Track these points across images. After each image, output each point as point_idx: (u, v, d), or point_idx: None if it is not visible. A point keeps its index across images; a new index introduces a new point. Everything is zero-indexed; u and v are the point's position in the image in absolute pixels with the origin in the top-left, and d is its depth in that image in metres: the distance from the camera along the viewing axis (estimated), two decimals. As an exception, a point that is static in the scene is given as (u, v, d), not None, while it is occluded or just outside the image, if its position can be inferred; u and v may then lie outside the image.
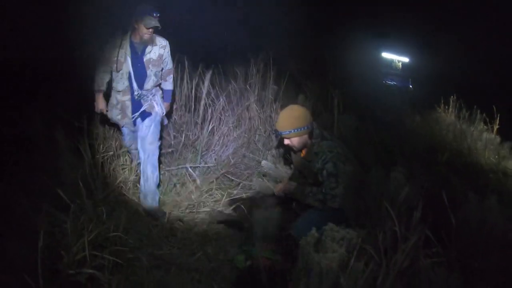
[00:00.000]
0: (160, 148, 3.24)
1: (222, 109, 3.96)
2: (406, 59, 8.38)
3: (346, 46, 6.68)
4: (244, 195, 3.38)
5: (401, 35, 8.17)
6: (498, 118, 5.08)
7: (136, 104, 3.09)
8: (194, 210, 3.15)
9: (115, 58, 2.95)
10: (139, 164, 3.20)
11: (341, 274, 1.79)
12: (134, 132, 3.21)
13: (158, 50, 3.07)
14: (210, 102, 3.96)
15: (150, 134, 3.09)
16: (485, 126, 5.32)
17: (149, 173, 3.04)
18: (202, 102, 3.77)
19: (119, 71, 2.99)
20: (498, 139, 4.92)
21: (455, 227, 2.08)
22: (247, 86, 4.13)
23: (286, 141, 2.71)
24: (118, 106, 3.10)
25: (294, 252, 2.52)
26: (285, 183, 2.90)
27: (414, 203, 2.29)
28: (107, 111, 3.13)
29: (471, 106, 5.57)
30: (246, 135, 3.90)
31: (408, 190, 2.31)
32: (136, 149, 3.21)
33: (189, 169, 3.49)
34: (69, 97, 3.21)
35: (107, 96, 3.13)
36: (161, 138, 3.25)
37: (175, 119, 3.96)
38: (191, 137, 3.86)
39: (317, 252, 1.91)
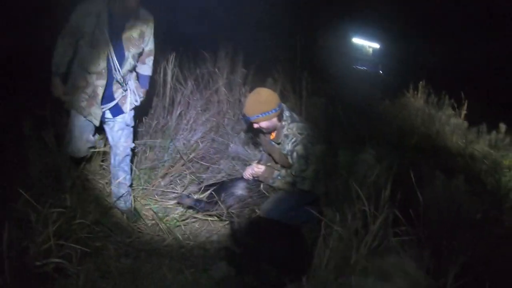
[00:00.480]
0: (133, 148, 2.87)
1: (191, 93, 3.86)
2: (376, 45, 8.48)
3: (317, 31, 6.68)
4: (213, 179, 3.32)
5: (371, 21, 8.24)
6: (466, 103, 5.19)
7: (109, 92, 2.55)
8: (163, 197, 3.06)
9: (90, 30, 2.33)
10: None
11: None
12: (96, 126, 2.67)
13: (141, 27, 2.49)
14: (178, 86, 3.86)
15: (124, 139, 2.70)
16: (453, 112, 5.43)
17: (121, 178, 2.74)
18: (168, 86, 3.65)
19: (94, 48, 2.38)
20: (465, 124, 5.05)
21: (423, 206, 2.10)
22: (216, 70, 4.05)
23: (256, 125, 2.68)
24: (87, 90, 2.47)
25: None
26: (253, 166, 2.87)
27: (382, 184, 2.31)
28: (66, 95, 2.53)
29: (440, 92, 5.67)
30: (214, 119, 3.83)
31: (377, 171, 2.32)
32: (90, 142, 2.70)
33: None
34: (35, 86, 2.94)
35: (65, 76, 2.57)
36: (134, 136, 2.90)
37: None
38: (160, 121, 3.74)
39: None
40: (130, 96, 2.65)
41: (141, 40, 2.53)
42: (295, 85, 3.73)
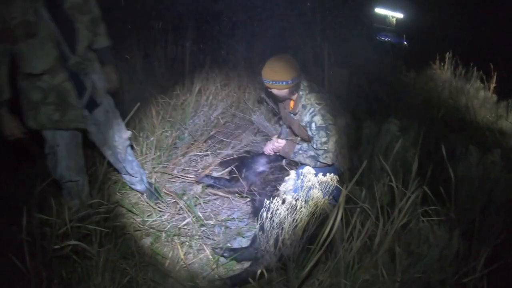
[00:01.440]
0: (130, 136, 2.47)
1: (209, 67, 3.79)
2: (400, 15, 8.14)
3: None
4: (235, 155, 3.26)
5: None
6: (495, 76, 4.99)
7: (77, 83, 2.01)
8: (184, 175, 3.00)
9: (18, 22, 1.75)
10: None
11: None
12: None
13: None
14: (195, 63, 3.79)
15: (116, 133, 2.31)
16: (481, 84, 5.25)
17: (129, 169, 2.49)
18: (187, 62, 3.58)
19: (31, 39, 1.80)
20: (494, 97, 4.89)
21: (455, 184, 1.98)
22: (234, 43, 3.95)
23: (272, 91, 2.58)
24: (49, 100, 1.92)
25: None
26: (273, 141, 2.79)
27: (410, 158, 2.20)
28: (26, 130, 1.96)
29: (467, 64, 5.47)
30: (235, 94, 3.75)
31: (403, 142, 2.21)
32: (80, 156, 2.22)
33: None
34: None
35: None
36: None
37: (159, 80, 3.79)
38: (181, 97, 3.69)
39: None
40: (99, 81, 2.15)
41: (87, 4, 2.02)
42: (317, 56, 3.59)
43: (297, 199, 1.75)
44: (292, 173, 1.79)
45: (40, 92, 1.89)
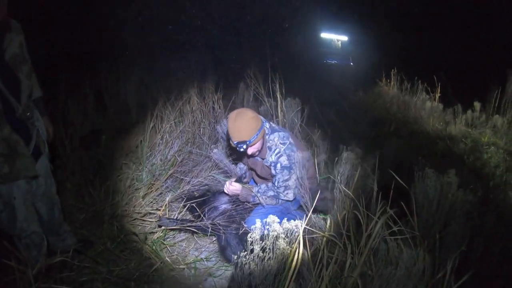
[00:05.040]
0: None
1: (162, 105, 3.74)
2: (345, 38, 8.51)
3: (285, 29, 6.63)
4: (195, 193, 3.20)
5: (338, 15, 8.26)
6: (439, 86, 5.27)
7: (24, 132, 1.97)
8: (145, 219, 2.89)
9: None
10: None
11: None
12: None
13: (17, 37, 1.96)
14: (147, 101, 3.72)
15: (52, 187, 2.22)
16: (427, 95, 5.51)
17: (62, 231, 2.34)
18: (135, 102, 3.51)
19: None
20: (440, 106, 5.13)
21: (415, 204, 2.04)
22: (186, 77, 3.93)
23: (252, 150, 2.49)
24: None
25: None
26: (229, 184, 2.75)
27: (370, 183, 2.25)
28: None
29: (412, 78, 5.75)
30: (190, 130, 3.71)
31: (361, 170, 2.27)
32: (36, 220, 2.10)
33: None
34: None
35: None
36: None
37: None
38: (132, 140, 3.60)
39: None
40: (42, 129, 2.11)
41: (24, 53, 2.01)
42: (268, 87, 3.65)
43: (264, 250, 1.73)
44: (258, 222, 1.77)
45: None
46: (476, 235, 1.97)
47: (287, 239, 1.74)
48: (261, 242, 1.71)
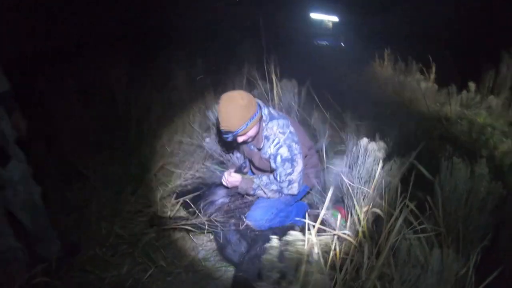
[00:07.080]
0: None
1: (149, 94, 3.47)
2: (335, 18, 8.29)
3: (273, 10, 6.39)
4: (189, 187, 2.95)
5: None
6: (434, 66, 5.14)
7: None
8: (135, 217, 2.64)
9: None
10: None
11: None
12: None
13: None
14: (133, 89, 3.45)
15: (34, 189, 1.99)
16: (422, 76, 5.38)
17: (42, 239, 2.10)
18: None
19: None
20: (436, 86, 5.01)
21: (441, 198, 1.86)
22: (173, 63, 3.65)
23: (242, 138, 2.24)
24: None
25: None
26: (227, 175, 2.54)
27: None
28: None
29: (406, 58, 5.61)
30: (179, 118, 3.44)
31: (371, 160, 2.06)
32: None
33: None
34: None
35: None
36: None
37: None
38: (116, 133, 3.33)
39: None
40: (7, 129, 1.85)
41: None
42: (263, 70, 3.40)
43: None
44: (275, 241, 1.44)
45: None
46: (502, 228, 1.79)
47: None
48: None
